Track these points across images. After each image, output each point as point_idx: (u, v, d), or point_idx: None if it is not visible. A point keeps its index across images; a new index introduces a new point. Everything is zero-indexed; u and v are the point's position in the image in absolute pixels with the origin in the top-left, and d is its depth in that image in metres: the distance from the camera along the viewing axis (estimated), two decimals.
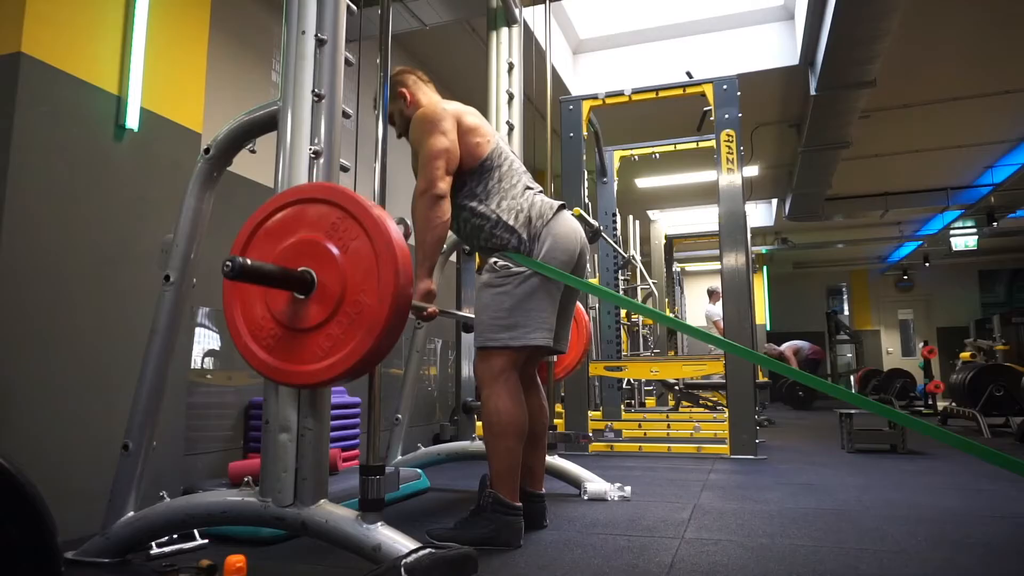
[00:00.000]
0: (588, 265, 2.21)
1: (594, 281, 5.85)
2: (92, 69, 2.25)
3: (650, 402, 8.09)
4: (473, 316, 2.09)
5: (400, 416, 3.00)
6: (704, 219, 9.53)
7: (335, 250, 1.49)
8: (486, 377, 2.01)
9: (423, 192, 1.99)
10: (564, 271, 2.03)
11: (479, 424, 3.32)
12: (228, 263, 1.34)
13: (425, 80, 2.31)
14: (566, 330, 2.20)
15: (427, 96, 2.26)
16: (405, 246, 1.50)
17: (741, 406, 4.06)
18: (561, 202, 2.16)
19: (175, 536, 1.87)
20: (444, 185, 1.99)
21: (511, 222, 2.04)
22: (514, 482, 1.99)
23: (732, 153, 4.27)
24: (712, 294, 9.10)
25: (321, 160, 1.73)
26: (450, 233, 2.18)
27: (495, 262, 2.04)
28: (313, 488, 1.60)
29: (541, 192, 2.18)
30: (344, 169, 1.85)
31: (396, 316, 1.45)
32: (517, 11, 3.13)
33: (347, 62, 1.85)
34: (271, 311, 1.53)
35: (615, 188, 6.05)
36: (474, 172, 2.08)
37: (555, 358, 2.88)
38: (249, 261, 1.39)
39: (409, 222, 1.81)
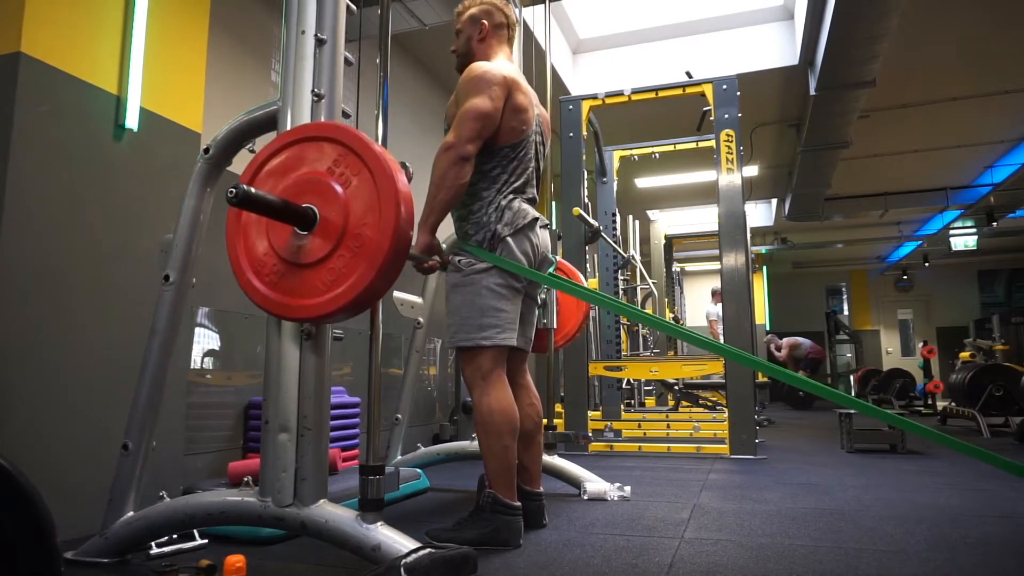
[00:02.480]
0: (548, 269, 2.19)
1: (593, 282, 5.85)
2: (92, 69, 2.25)
3: (650, 402, 8.10)
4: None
5: (400, 416, 3.00)
6: (704, 219, 9.53)
7: (337, 186, 1.51)
8: (475, 378, 2.01)
9: (449, 147, 1.94)
10: (514, 281, 2.03)
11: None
12: (232, 190, 1.36)
13: (511, 35, 2.22)
14: (528, 332, 2.21)
15: (497, 51, 2.18)
16: (407, 184, 1.51)
17: (741, 406, 4.06)
18: (538, 216, 2.13)
19: (175, 536, 1.87)
20: (472, 148, 1.95)
21: (484, 217, 2.03)
22: (511, 481, 1.98)
23: (732, 153, 4.27)
24: (715, 294, 9.10)
25: None
26: (452, 232, 2.17)
27: (459, 260, 2.04)
28: (313, 488, 1.60)
29: (533, 199, 2.17)
30: None
31: (397, 249, 1.46)
32: (517, 11, 3.13)
33: (347, 62, 1.85)
34: (273, 247, 1.55)
35: (615, 188, 6.06)
36: (495, 151, 2.05)
37: (556, 322, 2.86)
38: (253, 189, 1.40)
39: (411, 168, 1.80)
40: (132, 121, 2.35)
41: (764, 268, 13.60)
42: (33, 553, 0.84)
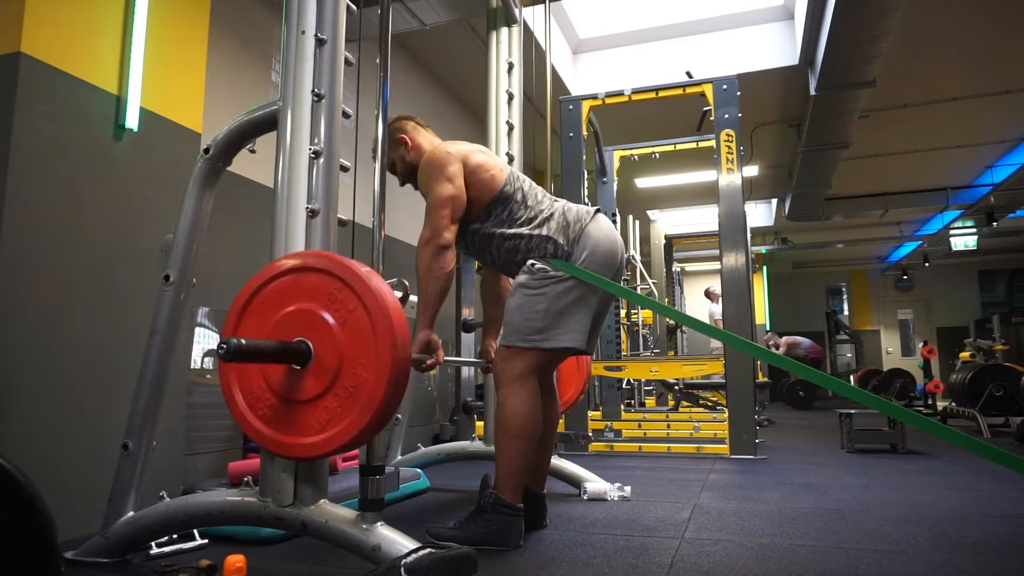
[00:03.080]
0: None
1: None
2: (92, 69, 2.25)
3: (650, 402, 8.10)
4: (472, 358, 2.00)
5: (400, 416, 3.00)
6: (704, 219, 9.53)
7: (332, 321, 1.47)
8: (506, 377, 1.99)
9: (427, 241, 1.97)
10: (603, 276, 2.02)
11: (479, 424, 3.33)
12: (223, 346, 1.33)
13: (423, 124, 2.29)
14: (598, 332, 2.20)
15: (428, 140, 2.23)
16: (403, 315, 1.48)
17: (741, 406, 4.06)
18: (597, 207, 2.14)
19: (175, 536, 1.87)
20: (449, 235, 1.97)
21: (544, 232, 2.03)
22: (519, 484, 1.98)
23: (732, 153, 4.27)
24: (711, 295, 9.10)
25: (321, 160, 1.73)
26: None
27: (532, 264, 2.01)
28: (313, 488, 1.60)
29: (568, 202, 2.17)
30: (344, 169, 1.85)
31: (394, 390, 1.44)
32: (517, 11, 3.13)
33: (347, 62, 1.85)
34: (268, 382, 1.52)
35: (615, 188, 6.06)
36: (496, 201, 2.07)
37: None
38: (244, 341, 1.37)
39: (406, 283, 1.81)
40: (132, 121, 2.35)
41: (764, 268, 13.60)
42: (33, 553, 0.84)
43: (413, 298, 2.02)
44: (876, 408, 1.66)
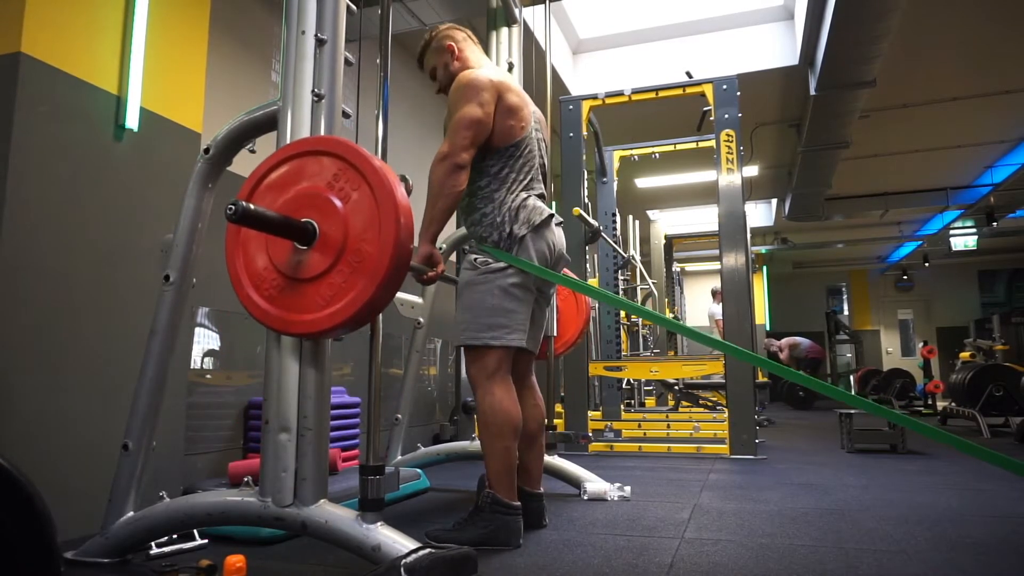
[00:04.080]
0: (570, 269, 2.19)
1: (593, 282, 5.85)
2: (92, 69, 2.25)
3: (650, 402, 8.10)
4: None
5: (400, 416, 3.00)
6: (704, 219, 9.53)
7: (336, 201, 1.50)
8: (479, 377, 2.01)
9: (444, 157, 1.96)
10: (530, 284, 2.04)
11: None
12: (231, 206, 1.35)
13: (475, 40, 2.26)
14: (538, 334, 2.22)
15: (476, 57, 2.22)
16: (406, 198, 1.51)
17: (741, 406, 4.06)
18: (552, 212, 2.14)
19: (175, 536, 1.87)
20: (467, 156, 1.97)
21: (499, 218, 2.04)
22: (511, 481, 1.98)
23: (732, 153, 4.27)
24: (715, 294, 9.10)
25: None
26: (453, 231, 2.17)
27: (475, 258, 2.04)
28: (313, 488, 1.60)
29: (542, 195, 2.17)
30: None
31: (397, 264, 1.46)
32: (517, 11, 3.13)
33: (347, 62, 1.85)
34: (273, 262, 1.55)
35: (615, 188, 6.06)
36: (497, 151, 2.06)
37: (556, 330, 2.86)
38: (252, 206, 1.39)
39: (411, 180, 1.80)
40: (132, 121, 2.35)
41: (764, 268, 13.60)
42: (33, 553, 0.84)
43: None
44: (870, 412, 1.66)
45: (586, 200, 4.67)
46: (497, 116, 2.04)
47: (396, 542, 1.49)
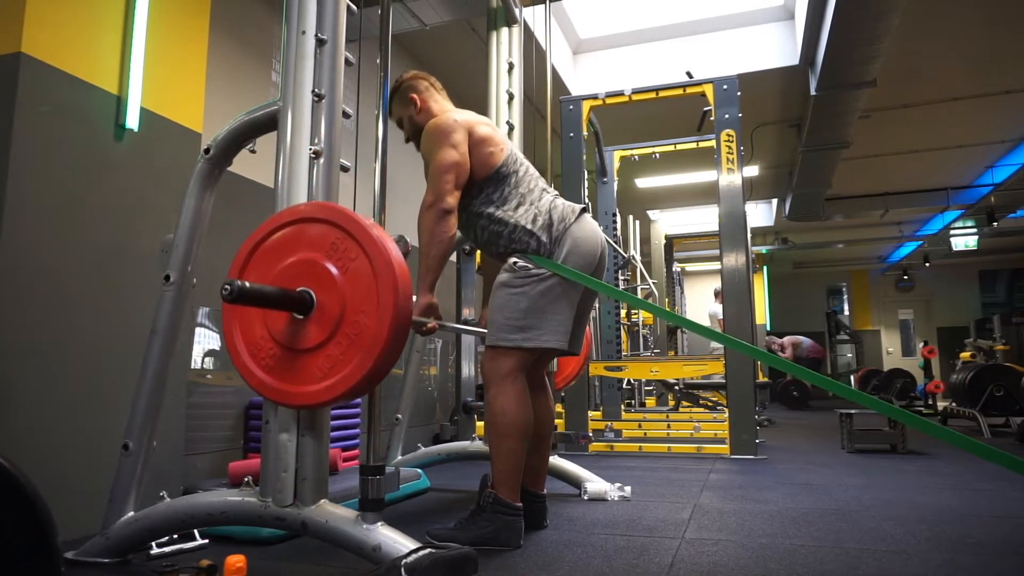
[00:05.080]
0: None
1: None
2: (92, 69, 2.25)
3: (650, 402, 8.09)
4: (472, 321, 2.06)
5: (400, 416, 3.00)
6: (704, 219, 9.53)
7: (334, 270, 1.49)
8: (494, 377, 1.99)
9: (430, 205, 1.97)
10: (583, 274, 2.02)
11: (479, 424, 3.33)
12: (227, 287, 1.34)
13: (438, 87, 2.28)
14: (581, 332, 2.19)
15: (439, 104, 2.23)
16: (404, 265, 1.49)
17: (741, 406, 4.06)
18: (583, 204, 2.15)
19: (175, 536, 1.87)
20: (452, 200, 1.98)
21: (529, 226, 2.03)
22: (516, 483, 1.98)
23: (732, 153, 4.27)
24: (717, 294, 9.10)
25: (321, 160, 1.73)
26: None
27: (514, 262, 2.02)
28: (313, 488, 1.60)
29: (559, 195, 2.17)
30: (344, 169, 1.85)
31: (395, 337, 1.44)
32: (517, 11, 3.13)
33: (347, 62, 1.85)
34: (270, 331, 1.53)
35: (615, 188, 6.05)
36: (490, 179, 2.07)
37: (556, 366, 2.88)
38: (248, 284, 1.38)
39: (408, 239, 1.81)
40: (132, 121, 2.35)
41: (765, 268, 13.59)
42: (33, 553, 0.84)
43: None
44: (872, 408, 1.66)
45: (586, 200, 4.67)
46: (473, 150, 2.05)
47: (396, 542, 1.49)
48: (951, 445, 1.47)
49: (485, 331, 2.42)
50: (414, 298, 1.68)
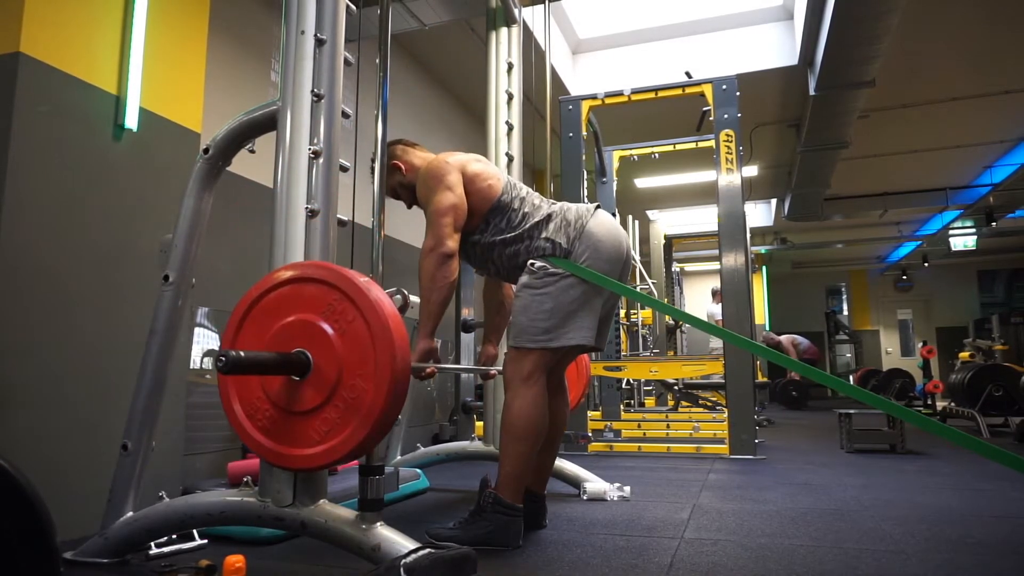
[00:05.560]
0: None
1: None
2: (91, 69, 2.25)
3: (649, 402, 8.10)
4: (466, 371, 1.98)
5: (400, 416, 3.00)
6: (703, 219, 9.53)
7: (331, 331, 1.47)
8: (515, 378, 1.98)
9: (431, 250, 1.97)
10: (608, 276, 2.01)
11: (478, 424, 3.33)
12: (222, 358, 1.32)
13: (411, 144, 2.30)
14: (607, 329, 2.19)
15: (421, 157, 2.24)
16: (402, 325, 1.48)
17: (740, 406, 4.06)
18: (597, 203, 2.14)
19: (174, 536, 1.86)
20: (452, 244, 1.98)
21: (544, 233, 2.03)
22: (521, 486, 1.98)
23: (731, 153, 4.27)
24: (715, 294, 9.10)
25: (320, 160, 1.73)
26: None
27: (532, 264, 2.01)
28: (312, 488, 1.59)
29: (567, 204, 2.17)
30: (344, 169, 1.85)
31: (393, 400, 1.44)
32: (517, 11, 3.13)
33: (347, 62, 1.85)
34: (267, 393, 1.52)
35: (614, 188, 6.05)
36: (495, 210, 2.08)
37: None
38: (243, 353, 1.37)
39: (406, 292, 1.81)
40: (132, 121, 2.35)
41: (764, 268, 13.60)
42: (33, 553, 0.84)
43: (414, 298, 2.02)
44: (873, 404, 1.66)
45: (586, 200, 4.67)
46: (469, 187, 2.05)
47: (396, 542, 1.49)
48: (951, 445, 1.47)
49: (484, 368, 2.43)
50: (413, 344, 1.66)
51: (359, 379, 1.44)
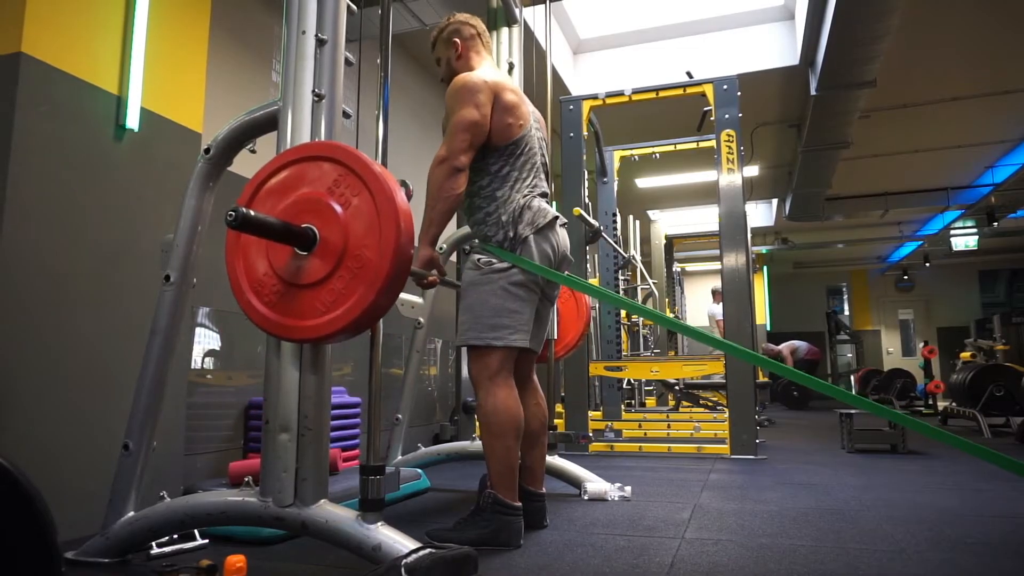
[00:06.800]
0: (571, 270, 2.20)
1: (594, 282, 5.85)
2: (92, 69, 2.25)
3: (650, 402, 8.09)
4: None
5: (400, 416, 3.00)
6: (704, 219, 9.53)
7: (337, 206, 1.51)
8: (481, 377, 2.01)
9: (443, 160, 1.97)
10: (534, 284, 2.04)
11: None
12: (231, 212, 1.35)
13: (485, 40, 2.28)
14: (541, 334, 2.22)
15: (479, 58, 2.23)
16: (407, 203, 1.51)
17: (741, 406, 4.06)
18: (557, 214, 2.14)
19: (175, 536, 1.87)
20: (465, 158, 1.99)
21: (504, 217, 2.04)
22: (513, 482, 1.98)
23: (732, 153, 4.27)
24: (715, 294, 9.10)
25: None
26: (454, 231, 2.17)
27: (478, 259, 2.05)
28: (313, 488, 1.60)
29: (545, 193, 2.18)
30: None
31: (397, 270, 1.46)
32: (517, 11, 3.13)
33: (347, 62, 1.85)
34: (273, 267, 1.55)
35: (615, 188, 6.06)
36: (497, 150, 2.07)
37: (556, 333, 2.87)
38: (252, 212, 1.40)
39: (412, 185, 1.81)
40: (133, 121, 2.35)
41: (765, 268, 13.59)
42: (33, 553, 0.84)
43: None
44: (868, 410, 1.66)
45: (586, 200, 4.67)
46: (495, 115, 2.05)
47: (396, 542, 1.49)
48: (949, 444, 1.47)
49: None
50: (415, 248, 1.68)
51: (365, 250, 1.47)
